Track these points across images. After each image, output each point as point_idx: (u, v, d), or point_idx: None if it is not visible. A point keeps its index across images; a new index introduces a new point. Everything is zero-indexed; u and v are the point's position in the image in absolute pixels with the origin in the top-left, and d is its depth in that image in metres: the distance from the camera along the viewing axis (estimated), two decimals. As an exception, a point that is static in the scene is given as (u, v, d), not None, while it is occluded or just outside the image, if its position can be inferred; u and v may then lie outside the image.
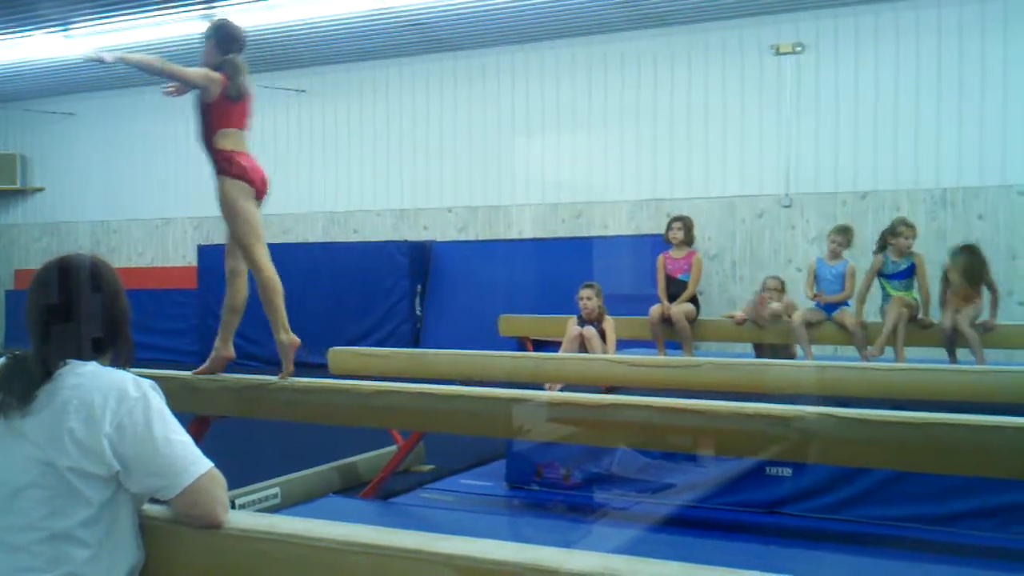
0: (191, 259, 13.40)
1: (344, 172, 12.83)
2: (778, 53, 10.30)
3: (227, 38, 4.46)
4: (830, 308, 7.06)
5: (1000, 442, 3.01)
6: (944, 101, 9.63)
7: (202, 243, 13.28)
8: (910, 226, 6.93)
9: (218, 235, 13.48)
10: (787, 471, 4.98)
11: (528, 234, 11.53)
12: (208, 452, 2.08)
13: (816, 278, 7.22)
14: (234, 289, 4.44)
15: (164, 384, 2.17)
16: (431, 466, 6.32)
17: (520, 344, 8.25)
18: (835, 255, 7.21)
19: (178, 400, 2.47)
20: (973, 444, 3.06)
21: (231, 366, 4.49)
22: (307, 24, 11.11)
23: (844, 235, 7.26)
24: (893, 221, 7.06)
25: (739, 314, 7.34)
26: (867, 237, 8.28)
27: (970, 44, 9.54)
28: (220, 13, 10.12)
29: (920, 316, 6.77)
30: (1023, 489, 4.47)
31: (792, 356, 7.18)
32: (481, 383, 4.80)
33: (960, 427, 3.06)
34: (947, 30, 9.62)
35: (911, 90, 9.76)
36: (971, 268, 6.62)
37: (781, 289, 7.42)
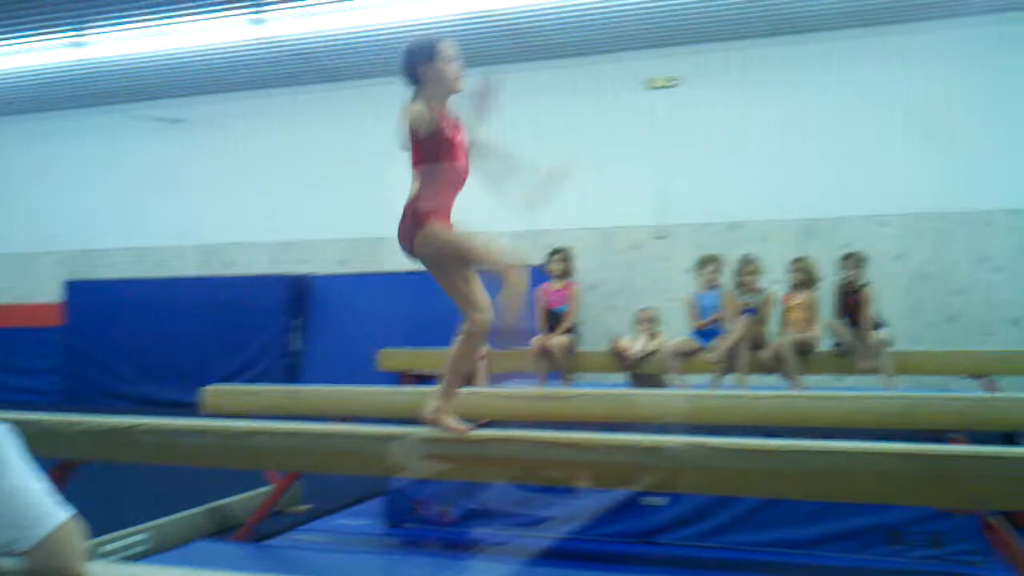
0: (56, 295, 12.88)
1: (219, 204, 12.55)
2: (652, 87, 10.58)
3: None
4: (708, 336, 7.27)
5: (861, 467, 3.14)
6: (808, 134, 10.06)
7: (68, 278, 12.79)
8: (749, 262, 7.35)
9: (85, 270, 13.02)
10: (661, 501, 5.07)
11: (405, 267, 11.44)
12: (73, 498, 2.01)
13: (697, 309, 7.46)
14: None
15: (22, 427, 2.08)
16: (308, 506, 6.20)
17: (401, 379, 8.18)
18: (710, 284, 7.47)
19: (38, 444, 2.37)
20: (835, 470, 3.17)
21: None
22: (185, 53, 10.93)
23: (715, 263, 7.54)
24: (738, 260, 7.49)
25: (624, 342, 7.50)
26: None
27: (829, 77, 10.07)
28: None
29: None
30: (881, 512, 4.69)
31: (663, 386, 7.34)
32: (358, 420, 4.75)
33: (822, 454, 3.17)
34: (811, 65, 10.11)
35: (778, 123, 10.17)
36: (810, 266, 7.37)
37: (653, 321, 7.60)
